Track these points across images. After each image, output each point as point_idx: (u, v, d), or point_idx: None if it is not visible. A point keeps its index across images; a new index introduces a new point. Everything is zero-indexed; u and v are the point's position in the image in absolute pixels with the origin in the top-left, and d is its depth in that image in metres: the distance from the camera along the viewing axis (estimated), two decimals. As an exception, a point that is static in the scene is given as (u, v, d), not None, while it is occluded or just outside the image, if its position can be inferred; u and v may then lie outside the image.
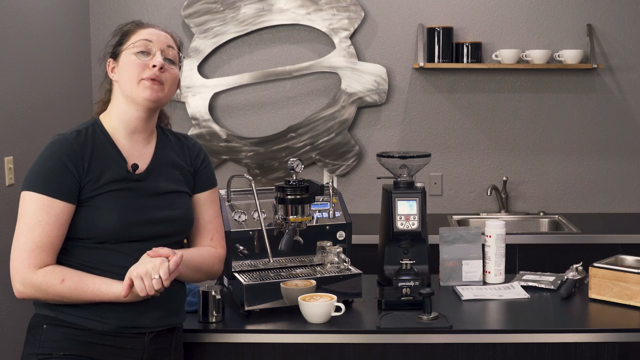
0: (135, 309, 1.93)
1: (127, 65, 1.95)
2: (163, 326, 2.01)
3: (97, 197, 1.90)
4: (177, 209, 2.01)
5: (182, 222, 2.03)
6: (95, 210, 1.89)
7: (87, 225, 1.89)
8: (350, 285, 2.41)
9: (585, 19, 4.04)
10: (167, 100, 2.02)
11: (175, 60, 2.02)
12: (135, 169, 1.96)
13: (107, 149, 1.95)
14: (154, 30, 2.00)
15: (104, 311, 1.91)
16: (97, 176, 1.90)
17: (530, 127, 4.13)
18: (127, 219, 1.91)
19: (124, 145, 1.98)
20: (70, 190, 1.88)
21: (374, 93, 4.07)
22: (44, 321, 1.93)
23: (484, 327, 2.29)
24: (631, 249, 3.27)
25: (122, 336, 1.94)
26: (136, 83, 1.94)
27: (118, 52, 1.99)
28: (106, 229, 1.89)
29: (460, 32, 4.05)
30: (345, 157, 4.12)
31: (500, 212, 4.09)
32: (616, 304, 2.42)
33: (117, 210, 1.90)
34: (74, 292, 1.86)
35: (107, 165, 1.92)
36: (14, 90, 3.21)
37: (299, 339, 2.22)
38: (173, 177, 2.04)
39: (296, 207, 2.34)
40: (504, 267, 2.67)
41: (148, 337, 1.98)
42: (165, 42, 1.99)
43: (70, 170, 1.88)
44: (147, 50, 1.96)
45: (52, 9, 3.59)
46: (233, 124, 4.16)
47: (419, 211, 2.60)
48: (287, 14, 4.05)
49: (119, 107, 1.98)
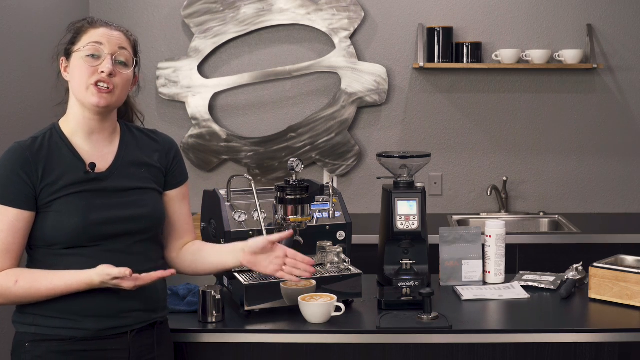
0: (112, 310, 1.92)
1: (76, 68, 1.93)
2: (145, 322, 2.00)
3: (57, 202, 1.88)
4: (143, 206, 1.99)
5: (149, 219, 2.00)
6: (56, 215, 1.88)
7: (48, 232, 1.88)
8: (350, 285, 2.41)
9: (585, 19, 4.04)
10: (118, 103, 1.98)
11: (128, 62, 1.97)
12: (93, 167, 1.93)
13: (64, 153, 1.92)
14: (106, 31, 1.95)
15: (80, 318, 1.90)
16: (53, 181, 1.88)
17: (530, 127, 4.13)
18: (90, 219, 1.89)
19: (84, 147, 1.95)
20: (24, 197, 1.86)
21: (374, 93, 4.07)
22: (26, 339, 1.92)
23: (484, 327, 2.29)
24: (631, 249, 3.27)
25: (104, 339, 1.93)
26: (85, 88, 1.91)
27: (70, 51, 1.95)
28: (70, 231, 1.88)
29: (460, 32, 4.05)
30: (345, 157, 4.12)
31: (500, 212, 4.09)
32: (616, 304, 2.42)
33: (79, 211, 1.89)
34: (28, 291, 1.86)
35: (64, 169, 1.90)
36: (14, 90, 3.21)
37: (299, 339, 2.22)
38: (138, 175, 2.01)
39: (296, 207, 2.34)
40: (504, 267, 2.67)
41: (130, 335, 1.97)
42: (117, 44, 1.95)
43: (23, 178, 1.86)
44: (97, 54, 1.92)
45: (52, 9, 3.59)
46: (233, 124, 4.16)
47: (419, 211, 2.60)
48: (287, 14, 4.05)
49: (74, 109, 1.96)
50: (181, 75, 4.08)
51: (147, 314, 2.00)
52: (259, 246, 2.08)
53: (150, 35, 4.11)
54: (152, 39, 4.12)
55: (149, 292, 1.99)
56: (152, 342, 2.03)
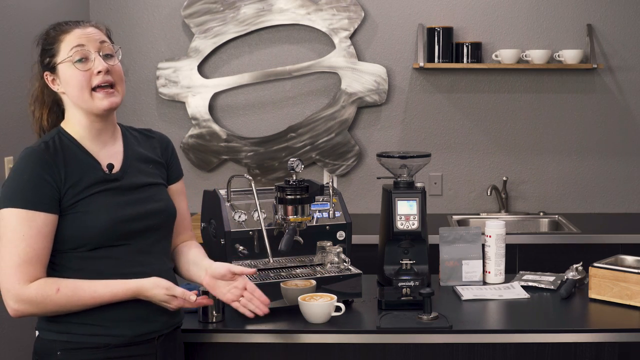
0: (144, 315, 1.92)
1: (70, 78, 1.89)
2: (171, 327, 2.02)
3: (80, 203, 1.87)
4: (159, 200, 2.00)
5: (165, 213, 2.01)
6: (81, 216, 1.86)
7: (76, 233, 1.86)
8: (350, 285, 2.40)
9: (585, 19, 4.04)
10: (123, 98, 1.96)
11: (113, 53, 1.94)
12: (111, 168, 1.93)
13: (78, 154, 1.91)
14: (80, 31, 1.90)
15: (115, 324, 1.89)
16: (75, 182, 1.87)
17: (530, 127, 4.13)
18: (116, 217, 1.89)
19: (93, 148, 1.94)
20: (50, 200, 1.84)
21: (374, 93, 4.07)
22: (57, 347, 1.88)
23: (484, 327, 2.29)
24: (631, 249, 3.27)
25: (136, 344, 1.93)
26: (88, 95, 1.89)
27: (53, 65, 1.90)
28: (97, 231, 1.86)
29: (460, 32, 4.05)
30: (345, 157, 4.12)
31: (500, 212, 4.09)
32: (616, 304, 2.42)
33: (104, 210, 1.88)
34: (71, 298, 1.83)
35: (83, 171, 1.89)
36: (14, 90, 3.21)
37: (299, 339, 2.22)
38: (147, 171, 2.02)
39: (296, 207, 2.34)
40: (504, 267, 2.67)
41: (158, 340, 1.98)
42: (97, 39, 1.91)
43: (47, 180, 1.84)
44: (85, 56, 1.88)
45: (52, 9, 3.59)
46: (233, 124, 4.16)
47: (419, 211, 2.60)
48: (287, 14, 4.05)
49: (77, 116, 1.93)
50: (181, 75, 4.08)
51: (172, 318, 2.01)
52: (220, 272, 2.06)
53: (150, 35, 4.11)
54: (152, 39, 4.12)
55: None
56: (174, 345, 2.05)
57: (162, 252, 2.02)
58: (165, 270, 2.00)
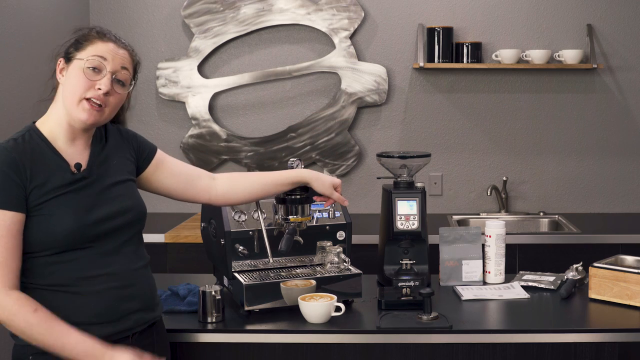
0: (116, 314, 1.91)
1: (73, 77, 1.88)
2: (145, 324, 2.00)
3: (46, 204, 1.84)
4: (127, 199, 1.98)
5: (134, 210, 1.98)
6: (47, 218, 1.84)
7: (41, 235, 1.83)
8: (350, 285, 2.40)
9: (585, 19, 4.04)
10: (105, 121, 1.94)
11: (126, 82, 1.94)
12: (79, 168, 1.90)
13: (47, 154, 1.88)
14: (113, 47, 1.91)
15: (85, 326, 1.85)
16: (41, 182, 1.84)
17: (530, 127, 4.13)
18: (83, 219, 1.86)
19: (64, 149, 1.91)
20: (17, 199, 1.81)
21: (374, 93, 4.07)
22: (28, 352, 1.87)
23: (484, 327, 2.29)
24: (631, 249, 3.27)
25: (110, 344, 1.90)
26: (77, 101, 1.87)
27: (72, 56, 1.90)
28: (64, 233, 1.84)
29: (460, 32, 4.05)
30: (345, 157, 4.12)
31: (500, 212, 4.09)
32: (616, 304, 2.42)
33: (70, 212, 1.85)
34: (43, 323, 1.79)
35: (51, 171, 1.87)
36: (14, 90, 3.21)
37: (299, 339, 2.22)
38: (112, 168, 1.98)
39: (296, 207, 2.34)
40: (504, 267, 2.67)
41: (132, 338, 1.96)
42: (120, 63, 1.91)
43: (13, 179, 1.81)
44: (99, 68, 1.88)
45: (52, 9, 3.59)
46: (233, 124, 4.16)
47: (419, 211, 2.60)
48: (287, 14, 4.05)
49: (59, 113, 1.91)
50: (181, 75, 4.08)
51: (147, 314, 2.00)
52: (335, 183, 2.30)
53: (150, 35, 4.11)
54: (152, 39, 4.12)
55: (146, 289, 2.00)
56: (151, 341, 2.03)
57: (132, 251, 1.99)
58: (133, 269, 1.96)
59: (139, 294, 1.97)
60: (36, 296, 1.84)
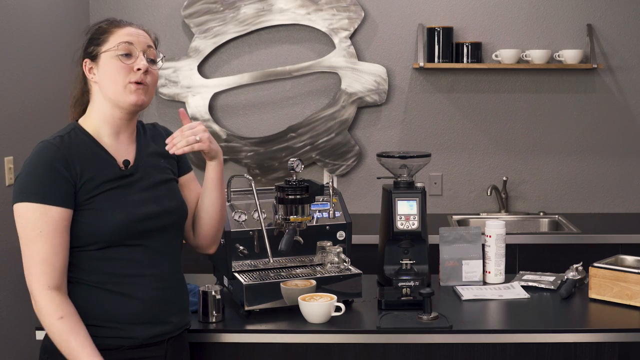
0: (158, 317, 1.92)
1: (110, 69, 1.89)
2: (181, 328, 2.02)
3: (96, 199, 1.85)
4: (173, 199, 2.00)
5: (179, 211, 2.00)
6: (96, 212, 1.84)
7: (90, 229, 1.84)
8: (350, 285, 2.41)
9: (585, 19, 4.04)
10: (150, 101, 1.96)
11: (155, 59, 1.97)
12: (127, 164, 1.92)
13: (94, 150, 1.90)
14: (132, 30, 1.93)
15: (129, 326, 1.87)
16: (91, 177, 1.85)
17: (530, 127, 4.13)
18: (131, 215, 1.87)
19: (110, 145, 1.93)
20: (65, 194, 1.81)
21: (374, 93, 4.07)
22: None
23: (484, 327, 2.29)
24: (631, 249, 3.27)
25: (147, 346, 1.92)
26: (122, 87, 1.88)
27: (97, 53, 1.91)
28: (111, 228, 1.84)
29: (460, 32, 4.05)
30: (345, 157, 4.12)
31: (500, 212, 4.09)
32: (616, 304, 2.42)
33: (120, 207, 1.86)
34: (64, 334, 1.79)
35: (99, 166, 1.88)
36: (14, 90, 3.21)
37: (299, 339, 2.22)
38: (160, 166, 2.01)
39: (296, 207, 2.34)
40: (504, 267, 2.67)
41: (169, 342, 1.97)
42: (145, 42, 1.93)
43: (63, 174, 1.82)
44: (130, 52, 1.90)
45: (52, 8, 3.59)
46: (233, 124, 4.17)
47: (419, 211, 2.60)
48: (287, 14, 4.05)
49: (102, 109, 1.92)
50: (181, 75, 4.09)
51: (183, 319, 2.01)
52: None
53: (150, 35, 4.11)
54: (152, 39, 4.11)
55: (184, 293, 2.01)
56: (182, 346, 2.04)
57: (174, 254, 2.00)
58: (175, 272, 1.99)
59: (178, 297, 1.98)
60: (79, 291, 1.85)
